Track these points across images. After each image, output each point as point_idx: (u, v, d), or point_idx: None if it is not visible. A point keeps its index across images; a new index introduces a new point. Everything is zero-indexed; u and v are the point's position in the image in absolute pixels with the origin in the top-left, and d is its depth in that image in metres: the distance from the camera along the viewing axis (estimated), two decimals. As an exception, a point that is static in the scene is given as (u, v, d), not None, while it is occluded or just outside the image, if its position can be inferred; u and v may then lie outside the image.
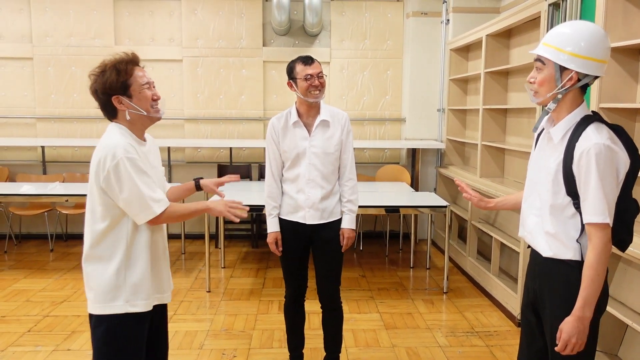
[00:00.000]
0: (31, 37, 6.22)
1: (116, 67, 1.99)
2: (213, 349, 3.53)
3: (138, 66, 2.06)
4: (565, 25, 1.89)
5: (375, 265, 5.45)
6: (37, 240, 6.25)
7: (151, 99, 2.06)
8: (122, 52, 2.05)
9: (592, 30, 1.82)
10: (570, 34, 1.82)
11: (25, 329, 3.80)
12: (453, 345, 3.61)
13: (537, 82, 1.89)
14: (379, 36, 6.38)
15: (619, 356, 2.98)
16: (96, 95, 2.03)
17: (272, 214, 2.96)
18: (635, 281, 2.85)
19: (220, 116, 6.38)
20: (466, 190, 2.30)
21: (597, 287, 1.77)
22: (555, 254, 1.89)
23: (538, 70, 1.89)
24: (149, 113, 2.06)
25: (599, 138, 1.75)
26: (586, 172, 1.76)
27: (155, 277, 2.10)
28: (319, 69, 2.81)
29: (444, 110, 6.15)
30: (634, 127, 2.96)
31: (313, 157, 2.86)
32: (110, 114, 2.06)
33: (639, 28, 2.90)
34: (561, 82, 1.83)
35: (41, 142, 6.10)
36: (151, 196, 1.96)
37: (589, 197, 1.76)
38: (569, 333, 1.79)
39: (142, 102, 2.04)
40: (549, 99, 1.88)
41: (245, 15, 6.27)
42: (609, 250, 1.78)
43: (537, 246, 1.97)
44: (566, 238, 1.86)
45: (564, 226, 1.87)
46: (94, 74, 2.03)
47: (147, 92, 2.04)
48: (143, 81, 2.03)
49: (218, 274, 5.13)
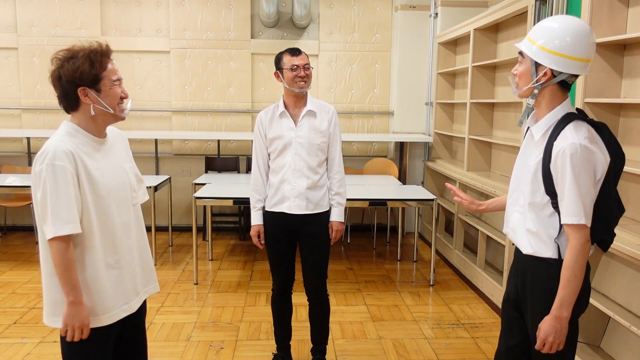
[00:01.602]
0: (16, 27, 6.14)
1: (90, 57, 1.84)
2: (200, 341, 3.54)
3: (110, 60, 1.92)
4: (551, 19, 1.86)
5: (362, 257, 5.48)
6: (22, 232, 6.20)
7: (119, 97, 1.92)
8: (94, 42, 1.89)
9: (574, 27, 1.78)
10: (553, 28, 1.80)
11: (11, 321, 3.78)
12: (439, 337, 3.65)
13: (517, 75, 1.91)
14: (367, 29, 6.38)
15: (601, 347, 3.03)
16: (58, 82, 1.85)
17: (256, 207, 2.98)
18: (617, 274, 2.90)
19: (208, 108, 6.35)
20: (457, 194, 2.29)
21: (574, 287, 1.78)
22: (535, 251, 1.89)
23: (519, 63, 1.91)
24: (115, 111, 1.91)
25: (575, 138, 1.74)
26: (562, 173, 1.75)
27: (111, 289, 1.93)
28: (306, 61, 2.85)
29: (431, 103, 6.17)
30: (618, 122, 3.00)
31: (299, 147, 2.88)
32: (70, 105, 1.89)
33: (623, 23, 2.93)
34: (536, 76, 1.83)
35: (26, 133, 6.04)
36: (56, 213, 1.76)
37: (565, 197, 1.76)
38: (547, 332, 1.81)
39: (110, 99, 1.89)
40: (526, 93, 1.88)
41: (233, 7, 6.24)
42: (586, 251, 1.77)
43: (518, 243, 1.98)
44: (546, 236, 1.87)
45: (544, 224, 1.87)
46: (59, 58, 1.86)
47: (117, 89, 1.90)
48: (115, 77, 1.90)
49: (205, 266, 5.12)
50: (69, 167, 1.79)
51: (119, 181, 1.98)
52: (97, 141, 1.94)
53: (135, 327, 2.11)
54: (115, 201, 1.94)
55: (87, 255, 1.87)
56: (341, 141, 3.02)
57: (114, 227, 1.94)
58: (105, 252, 1.91)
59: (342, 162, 3.02)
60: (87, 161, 1.86)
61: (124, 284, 1.98)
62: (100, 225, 1.89)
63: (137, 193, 2.08)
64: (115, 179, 1.96)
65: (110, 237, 1.93)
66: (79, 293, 1.82)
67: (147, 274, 2.12)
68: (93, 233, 1.87)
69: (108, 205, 1.91)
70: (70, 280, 1.79)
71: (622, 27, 2.92)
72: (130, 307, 2.01)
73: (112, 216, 1.92)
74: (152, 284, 2.17)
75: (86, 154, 1.87)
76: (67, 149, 1.80)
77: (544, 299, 1.86)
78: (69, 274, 1.79)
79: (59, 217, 1.77)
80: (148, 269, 2.14)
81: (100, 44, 1.90)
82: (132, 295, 2.02)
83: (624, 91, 2.98)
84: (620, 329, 2.92)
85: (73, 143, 1.84)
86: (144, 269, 2.11)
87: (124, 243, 1.98)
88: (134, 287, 2.04)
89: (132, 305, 2.02)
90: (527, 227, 1.92)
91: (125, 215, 1.99)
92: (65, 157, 1.78)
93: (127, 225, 2.00)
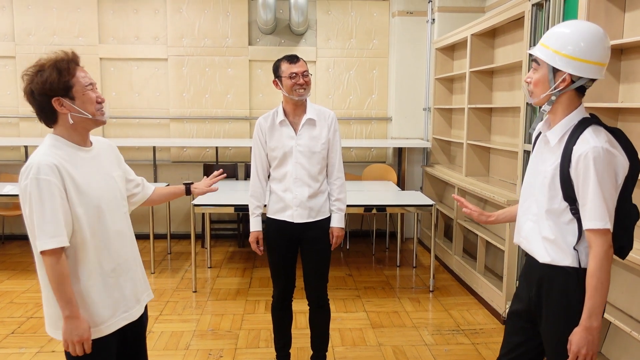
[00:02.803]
0: (14, 36, 6.14)
1: (57, 67, 1.84)
2: (199, 350, 3.52)
3: (79, 66, 1.91)
4: (564, 25, 1.84)
5: (362, 264, 5.46)
6: (20, 241, 6.16)
7: (96, 101, 1.90)
8: (60, 51, 1.89)
9: (588, 31, 1.77)
10: (566, 34, 1.78)
11: (9, 330, 3.76)
12: (439, 344, 3.63)
13: (532, 83, 1.86)
14: (364, 35, 6.39)
15: (602, 353, 3.02)
16: (32, 97, 1.85)
17: (255, 213, 2.97)
18: (619, 279, 2.89)
19: (206, 115, 6.35)
20: (466, 205, 2.23)
21: (601, 296, 1.72)
22: (554, 259, 1.84)
23: (534, 70, 1.86)
24: (94, 116, 1.90)
25: (597, 141, 1.70)
26: (584, 177, 1.71)
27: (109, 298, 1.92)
28: (304, 68, 2.83)
29: (429, 109, 6.17)
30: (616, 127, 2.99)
31: (299, 156, 2.87)
32: (48, 118, 1.88)
33: (620, 28, 2.93)
34: (554, 83, 1.79)
35: (24, 141, 6.03)
36: (41, 227, 1.75)
37: (588, 202, 1.71)
38: (579, 345, 1.75)
39: (87, 105, 1.87)
40: (543, 100, 1.84)
41: (230, 14, 6.25)
42: (610, 257, 1.73)
43: (534, 252, 1.92)
44: (564, 244, 1.82)
45: (562, 232, 1.82)
46: (28, 74, 1.86)
47: (91, 93, 1.88)
48: (86, 82, 1.88)
49: (204, 273, 5.10)
50: (54, 181, 1.77)
51: (108, 189, 1.96)
52: (82, 150, 1.92)
53: (137, 335, 2.10)
54: (107, 210, 1.92)
55: (81, 266, 1.86)
56: (341, 147, 3.01)
57: (108, 236, 1.92)
58: (101, 261, 1.90)
59: (342, 167, 3.01)
60: (73, 172, 1.84)
61: (121, 292, 1.97)
62: (93, 235, 1.88)
63: (126, 201, 2.08)
64: (104, 187, 1.94)
65: (105, 246, 1.91)
66: (75, 307, 1.80)
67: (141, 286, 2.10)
68: (86, 244, 1.86)
69: (99, 214, 1.89)
70: (64, 295, 1.78)
71: (618, 31, 2.93)
72: (131, 314, 2.00)
73: (104, 225, 1.91)
74: (147, 291, 2.16)
75: (72, 164, 1.85)
76: (52, 162, 1.78)
77: (561, 309, 1.83)
78: (62, 288, 1.78)
79: (44, 231, 1.75)
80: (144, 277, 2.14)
81: (67, 52, 1.89)
82: (132, 303, 2.01)
83: (621, 96, 2.98)
84: (621, 334, 2.90)
85: (57, 155, 1.83)
86: (143, 276, 2.11)
87: (120, 251, 1.97)
88: (134, 294, 2.03)
89: (132, 313, 2.01)
90: (544, 235, 1.86)
91: (118, 223, 1.98)
92: (50, 170, 1.77)
93: (121, 233, 1.98)
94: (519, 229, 2.01)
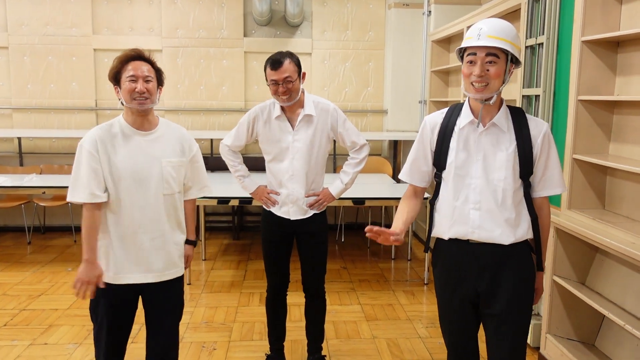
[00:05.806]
0: (6, 26, 6.09)
1: (119, 59, 2.20)
2: (193, 342, 3.51)
3: (139, 60, 2.20)
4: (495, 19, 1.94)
5: (356, 257, 5.46)
6: (13, 233, 6.14)
7: (130, 91, 2.17)
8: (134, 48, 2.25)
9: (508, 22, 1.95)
10: (508, 26, 1.91)
11: (1, 323, 3.74)
12: (433, 337, 3.63)
13: (492, 75, 1.88)
14: (360, 27, 6.36)
15: (595, 346, 3.02)
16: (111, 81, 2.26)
17: (244, 176, 3.00)
18: (611, 272, 2.89)
19: (201, 107, 6.32)
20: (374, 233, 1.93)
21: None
22: (518, 237, 1.97)
23: (493, 64, 1.88)
24: (127, 104, 2.20)
25: (543, 121, 2.00)
26: (548, 151, 1.96)
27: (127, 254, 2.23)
28: (286, 74, 2.63)
29: (425, 101, 6.15)
30: (611, 120, 2.98)
31: (297, 152, 2.81)
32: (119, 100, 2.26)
33: (617, 20, 2.91)
34: (509, 74, 1.93)
35: (17, 133, 5.99)
36: (75, 183, 2.17)
37: (554, 171, 1.97)
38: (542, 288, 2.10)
39: (125, 94, 2.19)
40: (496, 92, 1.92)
41: (225, 5, 6.20)
42: None
43: (495, 238, 1.96)
44: (523, 219, 1.99)
45: (519, 208, 1.98)
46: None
47: (128, 84, 2.17)
48: (128, 74, 2.17)
49: (199, 266, 5.09)
50: (92, 151, 2.16)
51: (145, 169, 2.21)
52: (132, 131, 2.23)
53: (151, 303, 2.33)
54: (135, 185, 2.19)
55: (107, 223, 2.21)
56: (354, 129, 2.94)
57: (131, 207, 2.20)
58: (118, 225, 2.21)
59: (364, 148, 2.97)
60: (112, 148, 2.18)
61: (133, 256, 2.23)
62: (117, 202, 2.19)
63: (172, 185, 2.28)
64: (141, 167, 2.21)
65: (125, 214, 2.21)
66: (94, 254, 2.19)
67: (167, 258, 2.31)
68: (111, 207, 2.20)
69: (125, 187, 2.19)
70: (88, 241, 2.18)
71: (615, 24, 2.91)
72: (138, 278, 2.25)
73: (129, 196, 2.19)
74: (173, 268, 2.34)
75: (115, 141, 2.20)
76: (95, 136, 2.18)
77: (523, 279, 2.01)
78: (87, 235, 2.18)
79: (74, 187, 2.17)
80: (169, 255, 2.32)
81: (134, 49, 2.23)
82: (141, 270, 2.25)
83: (617, 88, 2.96)
84: (614, 328, 2.91)
85: (106, 131, 2.20)
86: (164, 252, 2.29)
87: (137, 222, 2.22)
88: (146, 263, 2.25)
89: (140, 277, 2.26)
90: (507, 217, 1.95)
91: (148, 199, 2.22)
92: (91, 142, 2.17)
93: (145, 208, 2.22)
94: (463, 221, 1.99)
